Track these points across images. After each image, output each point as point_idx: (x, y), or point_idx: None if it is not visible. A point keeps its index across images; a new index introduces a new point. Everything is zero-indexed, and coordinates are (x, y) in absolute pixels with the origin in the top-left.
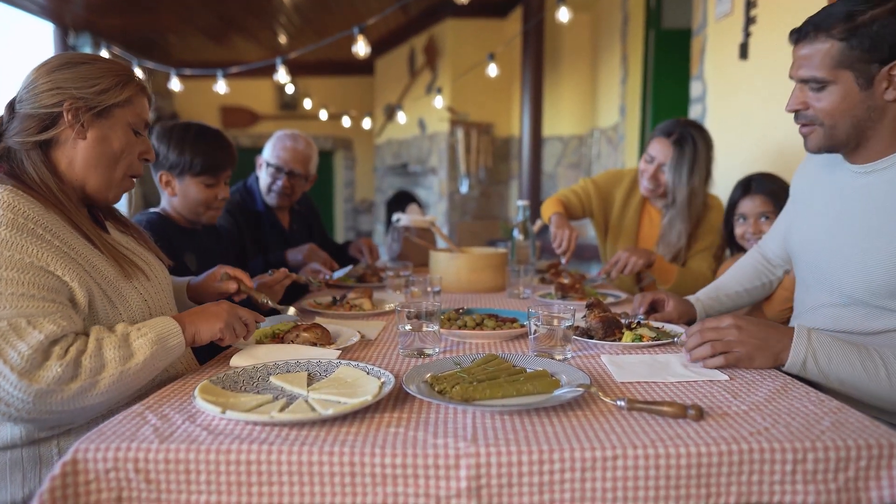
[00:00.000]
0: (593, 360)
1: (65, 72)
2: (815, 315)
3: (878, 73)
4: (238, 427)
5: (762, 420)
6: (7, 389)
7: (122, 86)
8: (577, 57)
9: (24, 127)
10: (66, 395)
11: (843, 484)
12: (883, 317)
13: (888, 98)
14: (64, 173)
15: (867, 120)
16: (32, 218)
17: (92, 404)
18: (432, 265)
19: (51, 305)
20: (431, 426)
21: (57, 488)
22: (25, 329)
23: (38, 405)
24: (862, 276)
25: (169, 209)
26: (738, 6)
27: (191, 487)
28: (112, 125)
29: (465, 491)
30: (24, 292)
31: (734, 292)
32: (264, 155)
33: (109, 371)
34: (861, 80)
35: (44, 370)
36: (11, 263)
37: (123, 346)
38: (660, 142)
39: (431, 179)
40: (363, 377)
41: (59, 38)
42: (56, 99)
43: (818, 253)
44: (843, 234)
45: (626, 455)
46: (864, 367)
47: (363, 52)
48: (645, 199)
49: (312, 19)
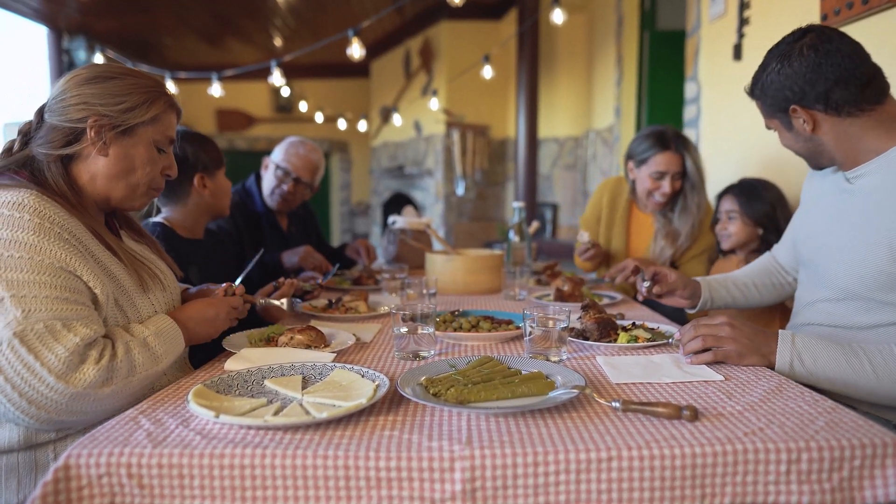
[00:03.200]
0: (589, 362)
1: (94, 86)
2: (811, 311)
3: (790, 118)
4: (232, 431)
5: (757, 420)
6: (41, 391)
7: (149, 104)
8: (573, 58)
9: (50, 139)
10: (98, 398)
11: (838, 483)
12: (877, 310)
13: (808, 130)
14: (85, 186)
15: (812, 150)
16: (58, 223)
17: (118, 404)
18: (428, 267)
19: (83, 309)
20: (426, 429)
21: (49, 494)
22: (61, 332)
23: (70, 406)
24: (855, 268)
25: (172, 219)
26: (731, 8)
27: (184, 492)
28: (135, 143)
29: (460, 493)
30: (57, 295)
31: (742, 283)
32: (274, 157)
33: (139, 374)
34: (785, 124)
35: (80, 373)
36: (43, 267)
37: (145, 350)
38: (663, 156)
39: (427, 181)
40: (358, 380)
41: (52, 41)
42: (82, 114)
43: (817, 250)
44: (838, 231)
45: (620, 456)
46: (849, 364)
47: (358, 54)
48: (631, 204)
49: (308, 21)
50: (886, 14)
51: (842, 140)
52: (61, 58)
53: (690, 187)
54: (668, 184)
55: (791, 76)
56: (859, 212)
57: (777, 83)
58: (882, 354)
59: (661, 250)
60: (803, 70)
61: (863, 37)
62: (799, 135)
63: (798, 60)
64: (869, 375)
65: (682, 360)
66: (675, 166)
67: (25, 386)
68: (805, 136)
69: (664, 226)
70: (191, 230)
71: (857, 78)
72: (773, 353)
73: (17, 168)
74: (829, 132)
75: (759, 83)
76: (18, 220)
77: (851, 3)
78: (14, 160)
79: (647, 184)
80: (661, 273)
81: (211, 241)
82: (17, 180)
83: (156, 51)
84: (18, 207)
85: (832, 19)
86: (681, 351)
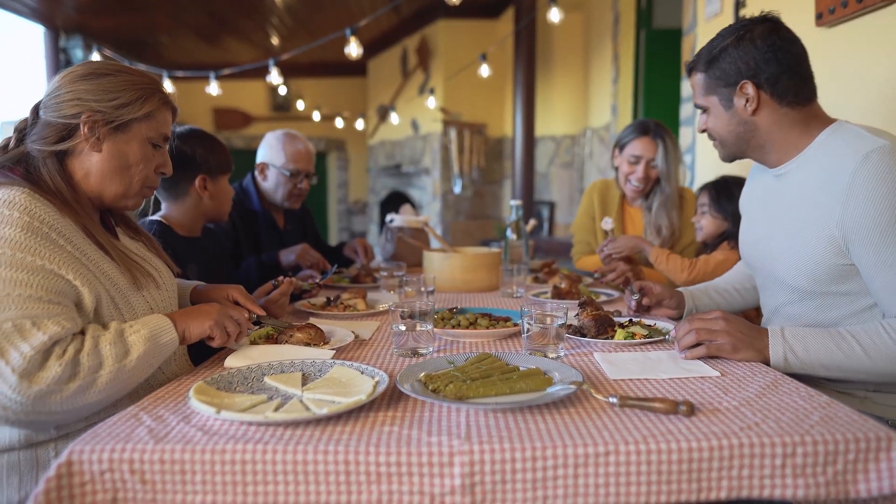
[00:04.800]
0: (586, 358)
1: (88, 82)
2: (778, 317)
3: (734, 94)
4: (233, 427)
5: (752, 415)
6: (4, 392)
7: (143, 100)
8: (569, 57)
9: (44, 135)
10: (65, 395)
11: (832, 477)
12: (836, 305)
13: (749, 111)
14: (79, 183)
15: (746, 133)
16: (47, 222)
17: (90, 402)
18: (426, 265)
19: (56, 308)
20: (425, 424)
21: (52, 490)
22: (30, 330)
23: (36, 406)
24: (802, 267)
25: (170, 217)
26: (727, 7)
27: (186, 488)
28: (129, 139)
29: (460, 488)
30: (31, 294)
31: (724, 289)
32: (273, 161)
33: (107, 368)
34: (724, 102)
35: (44, 371)
36: (23, 265)
37: (119, 342)
38: (640, 141)
39: (425, 180)
40: (357, 377)
41: (49, 40)
42: (75, 110)
43: (762, 253)
44: (775, 232)
45: (618, 451)
46: (839, 348)
47: (355, 53)
48: (623, 202)
49: (304, 20)
50: (882, 13)
51: (774, 129)
52: (58, 57)
53: (665, 177)
54: (641, 169)
55: (749, 52)
56: (792, 211)
57: (732, 56)
58: (868, 334)
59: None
60: (762, 49)
61: (858, 35)
62: (735, 116)
63: (759, 39)
64: (861, 356)
65: (679, 356)
66: (650, 153)
67: None
68: (741, 119)
69: (650, 219)
70: (189, 228)
71: (802, 72)
72: (767, 347)
73: (11, 165)
74: (767, 118)
75: (709, 55)
76: (7, 218)
77: (846, 2)
78: (9, 157)
79: (624, 168)
80: (647, 287)
81: (208, 239)
82: (11, 178)
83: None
84: (8, 205)
85: (827, 17)
86: (676, 346)
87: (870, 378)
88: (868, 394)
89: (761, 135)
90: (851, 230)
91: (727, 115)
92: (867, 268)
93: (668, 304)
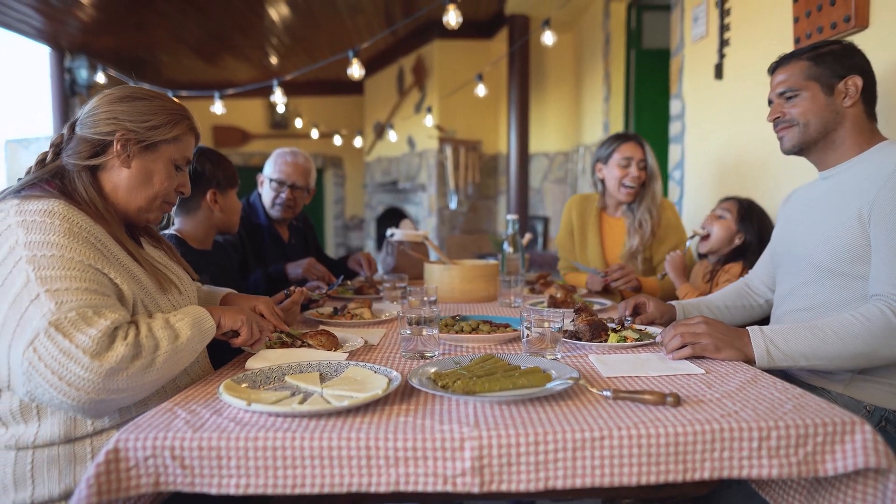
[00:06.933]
0: (581, 360)
1: (124, 104)
2: (791, 298)
3: (837, 85)
4: (262, 418)
5: (733, 405)
6: (77, 373)
7: (172, 125)
8: (562, 76)
9: (79, 149)
10: (130, 372)
11: (803, 458)
12: (849, 286)
13: (846, 104)
14: (109, 195)
15: (832, 122)
16: (85, 228)
17: (148, 381)
18: (427, 277)
19: (110, 300)
20: (437, 415)
21: (101, 474)
22: (93, 318)
23: (106, 384)
24: (827, 244)
25: (184, 231)
26: (712, 29)
27: (222, 472)
28: (156, 159)
29: (470, 470)
30: (87, 287)
31: (715, 306)
32: (266, 172)
33: (163, 349)
34: (825, 89)
35: (112, 350)
36: (73, 264)
37: (168, 327)
38: (626, 145)
39: (421, 195)
40: (372, 375)
41: (55, 61)
42: (110, 128)
43: (791, 239)
44: (808, 220)
45: (611, 436)
46: (814, 336)
47: (357, 74)
48: (601, 212)
49: (302, 38)
50: (854, 38)
51: (854, 128)
52: (63, 76)
53: (650, 178)
54: (635, 168)
55: (856, 57)
56: (831, 197)
57: (840, 54)
58: (839, 321)
59: (635, 245)
60: (865, 60)
61: None
62: (832, 104)
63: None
64: (832, 339)
65: (667, 357)
66: (639, 154)
67: (63, 370)
68: (836, 107)
69: (633, 221)
70: (202, 241)
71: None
72: (747, 345)
73: (48, 179)
74: (854, 115)
75: (816, 48)
76: (49, 225)
77: (822, 28)
78: (46, 171)
79: (616, 174)
80: (641, 303)
81: (218, 252)
82: (48, 191)
83: (152, 67)
84: (49, 214)
85: (804, 42)
86: (663, 350)
87: (845, 363)
88: (849, 382)
89: (843, 128)
90: (878, 207)
91: (824, 100)
92: (875, 245)
93: (660, 321)
